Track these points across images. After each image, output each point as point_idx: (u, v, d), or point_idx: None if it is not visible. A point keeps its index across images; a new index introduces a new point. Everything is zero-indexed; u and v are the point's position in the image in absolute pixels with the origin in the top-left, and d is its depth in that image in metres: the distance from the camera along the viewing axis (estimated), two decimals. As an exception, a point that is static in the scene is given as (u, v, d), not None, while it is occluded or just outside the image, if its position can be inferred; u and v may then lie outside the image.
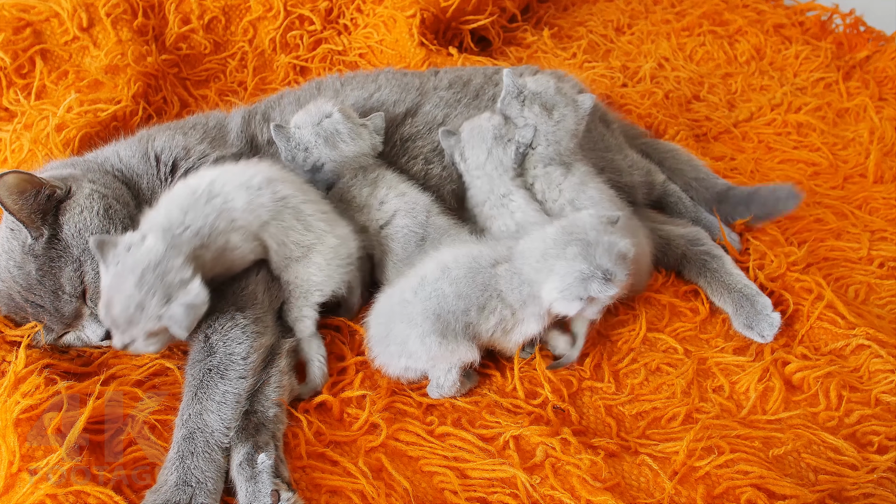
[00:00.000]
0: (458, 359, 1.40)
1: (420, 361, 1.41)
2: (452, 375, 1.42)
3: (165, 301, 1.28)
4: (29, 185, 1.38)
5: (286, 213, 1.44)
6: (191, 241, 1.35)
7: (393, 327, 1.41)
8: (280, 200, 1.44)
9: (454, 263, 1.42)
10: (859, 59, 2.75)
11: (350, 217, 1.59)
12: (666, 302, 1.70)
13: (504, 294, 1.41)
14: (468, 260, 1.42)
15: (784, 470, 1.35)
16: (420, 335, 1.37)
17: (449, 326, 1.38)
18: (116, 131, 1.94)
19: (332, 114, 1.60)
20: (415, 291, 1.40)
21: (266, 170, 1.47)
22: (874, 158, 2.24)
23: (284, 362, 1.43)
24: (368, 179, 1.62)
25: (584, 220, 1.44)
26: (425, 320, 1.37)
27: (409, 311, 1.39)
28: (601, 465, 1.29)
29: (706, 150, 2.27)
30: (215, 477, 1.24)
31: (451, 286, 1.39)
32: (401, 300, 1.41)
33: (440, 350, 1.38)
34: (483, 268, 1.42)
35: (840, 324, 1.61)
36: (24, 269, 1.41)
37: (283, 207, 1.44)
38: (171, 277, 1.29)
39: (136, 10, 2.24)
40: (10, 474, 1.20)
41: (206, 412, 1.29)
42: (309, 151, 1.58)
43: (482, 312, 1.40)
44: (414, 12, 2.40)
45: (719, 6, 2.95)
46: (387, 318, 1.43)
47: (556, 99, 1.66)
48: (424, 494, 1.29)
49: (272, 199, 1.43)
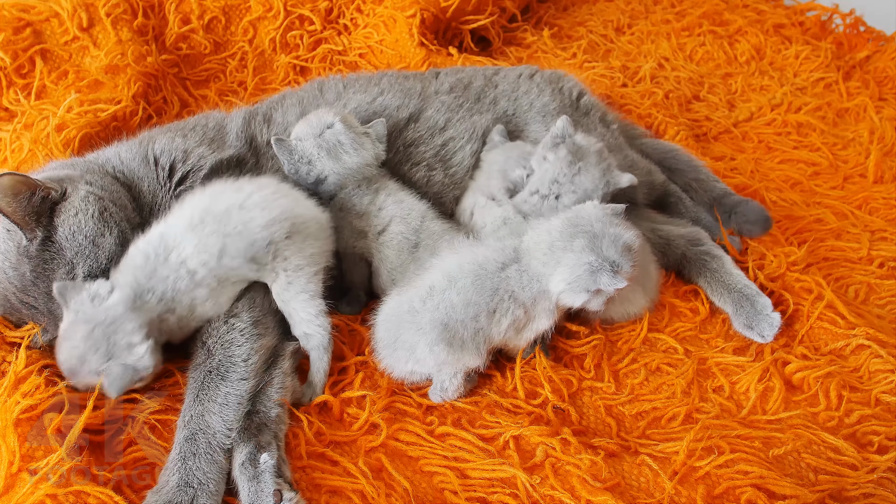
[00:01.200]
0: (463, 365, 1.41)
1: (427, 367, 1.41)
2: (457, 380, 1.42)
3: (107, 359, 1.29)
4: (23, 186, 1.38)
5: (231, 241, 1.39)
6: (156, 308, 1.35)
7: (401, 334, 1.41)
8: (222, 233, 1.38)
9: (459, 272, 1.41)
10: (859, 59, 2.75)
11: (348, 224, 1.59)
12: (666, 302, 1.70)
13: (516, 294, 1.40)
14: (474, 267, 1.42)
15: (784, 470, 1.35)
16: (429, 343, 1.37)
17: (457, 335, 1.38)
18: (117, 131, 1.94)
19: (333, 124, 1.58)
20: (423, 301, 1.40)
21: (202, 201, 1.43)
22: (874, 158, 2.24)
23: (288, 363, 1.43)
24: (371, 189, 1.61)
25: (589, 212, 1.44)
26: (433, 329, 1.37)
27: (417, 320, 1.39)
28: (601, 465, 1.29)
29: (706, 150, 2.27)
30: (217, 478, 1.24)
31: (458, 295, 1.39)
32: (410, 308, 1.41)
33: (448, 357, 1.38)
34: (490, 273, 1.41)
35: (840, 324, 1.61)
36: (18, 270, 1.41)
37: (226, 238, 1.39)
38: (119, 339, 1.30)
39: (136, 10, 2.24)
40: (10, 474, 1.20)
41: (207, 414, 1.29)
42: (312, 164, 1.57)
43: (493, 316, 1.40)
44: (414, 12, 2.40)
45: (719, 6, 2.95)
46: (395, 324, 1.42)
47: (592, 158, 1.63)
48: (424, 494, 1.29)
49: (213, 233, 1.38)
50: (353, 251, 1.61)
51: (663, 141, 2.20)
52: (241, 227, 1.39)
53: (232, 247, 1.39)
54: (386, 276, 1.59)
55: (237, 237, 1.39)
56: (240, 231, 1.39)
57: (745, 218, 1.86)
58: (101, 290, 1.34)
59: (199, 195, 1.45)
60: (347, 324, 1.60)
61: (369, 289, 1.66)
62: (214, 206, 1.41)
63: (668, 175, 1.99)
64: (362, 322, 1.60)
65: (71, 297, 1.33)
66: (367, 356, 1.52)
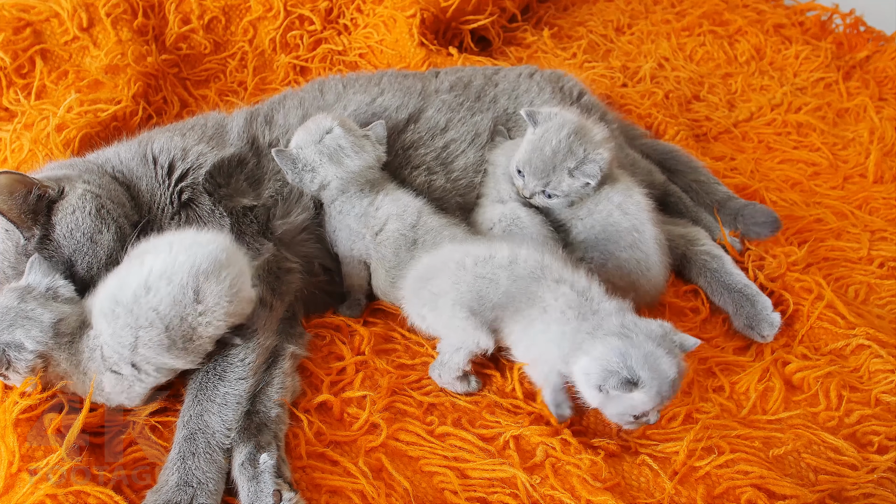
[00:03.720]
0: (473, 341, 1.40)
1: (439, 321, 1.41)
2: (460, 356, 1.41)
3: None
4: (20, 185, 1.38)
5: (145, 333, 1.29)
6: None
7: (438, 279, 1.41)
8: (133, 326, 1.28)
9: (523, 260, 1.40)
10: (859, 59, 2.75)
11: (346, 227, 1.59)
12: (666, 302, 1.70)
13: (548, 307, 1.36)
14: (534, 264, 1.39)
15: (784, 470, 1.35)
16: (454, 300, 1.38)
17: (483, 311, 1.37)
18: (117, 131, 1.94)
19: (332, 129, 1.58)
20: (476, 263, 1.40)
21: (110, 285, 1.33)
22: (874, 158, 2.24)
23: (288, 364, 1.43)
24: (372, 192, 1.61)
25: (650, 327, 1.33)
26: (468, 292, 1.37)
27: (459, 276, 1.39)
28: (601, 465, 1.29)
29: (706, 150, 2.27)
30: (216, 478, 1.24)
31: (507, 280, 1.38)
32: (459, 262, 1.41)
33: (463, 323, 1.38)
34: (541, 279, 1.38)
35: (840, 324, 1.61)
36: (17, 269, 1.41)
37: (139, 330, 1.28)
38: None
39: (136, 10, 2.24)
40: (10, 474, 1.20)
41: (206, 413, 1.29)
42: (315, 172, 1.57)
43: (515, 315, 1.38)
44: (414, 12, 2.40)
45: (719, 6, 2.95)
46: (437, 269, 1.42)
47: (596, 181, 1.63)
48: (424, 494, 1.29)
49: (126, 327, 1.28)
50: (351, 254, 1.61)
51: (663, 141, 2.20)
52: (153, 316, 1.27)
53: (146, 338, 1.27)
54: (384, 276, 1.59)
55: (150, 328, 1.27)
56: (151, 321, 1.27)
57: (753, 220, 1.84)
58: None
59: (117, 272, 1.35)
60: (348, 324, 1.60)
61: (369, 292, 1.66)
62: (121, 293, 1.29)
63: (668, 176, 1.99)
64: (364, 324, 1.61)
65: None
66: (366, 356, 1.52)
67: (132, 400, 1.31)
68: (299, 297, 1.59)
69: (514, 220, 1.64)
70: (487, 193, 1.75)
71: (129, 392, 1.30)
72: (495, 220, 1.67)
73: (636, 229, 1.62)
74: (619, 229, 1.62)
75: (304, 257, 1.61)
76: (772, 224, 1.83)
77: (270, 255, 1.53)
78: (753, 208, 1.88)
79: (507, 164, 1.72)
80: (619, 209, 1.63)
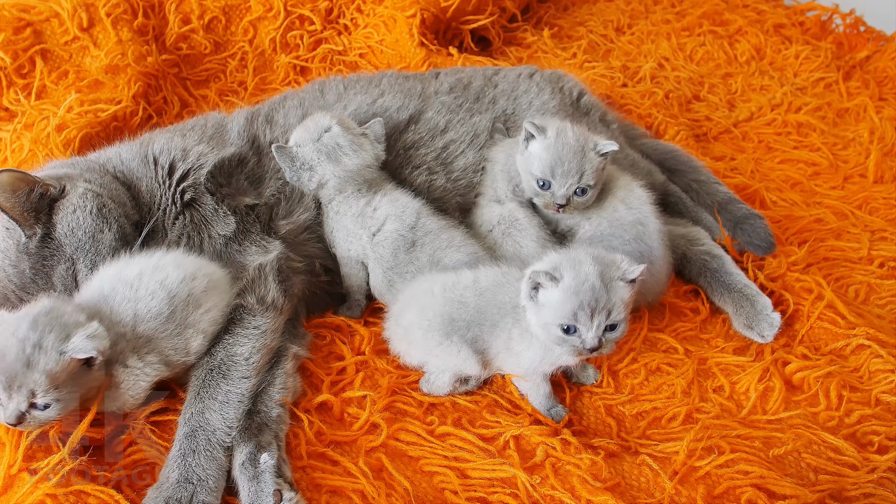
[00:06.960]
0: (454, 365, 1.41)
1: (418, 351, 1.43)
2: (444, 378, 1.43)
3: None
4: (22, 183, 1.39)
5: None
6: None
7: (405, 313, 1.43)
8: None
9: (484, 275, 1.43)
10: (859, 59, 2.76)
11: (344, 227, 1.59)
12: (666, 302, 1.70)
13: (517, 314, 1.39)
14: (495, 273, 1.43)
15: (784, 470, 1.35)
16: (425, 329, 1.39)
17: (458, 332, 1.39)
18: (117, 131, 1.94)
19: (330, 127, 1.58)
20: (444, 289, 1.42)
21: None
22: (874, 158, 2.24)
23: (290, 364, 1.44)
24: (370, 192, 1.61)
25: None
26: (436, 317, 1.39)
27: (426, 303, 1.41)
28: (601, 465, 1.29)
29: (706, 150, 2.27)
30: (217, 475, 1.24)
31: (474, 295, 1.41)
32: (427, 290, 1.44)
33: (438, 349, 1.40)
34: (503, 284, 1.41)
35: (840, 324, 1.61)
36: (18, 267, 1.41)
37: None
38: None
39: (136, 10, 2.24)
40: (10, 475, 1.20)
41: (208, 411, 1.29)
42: (314, 170, 1.57)
43: (493, 330, 1.40)
44: (414, 12, 2.40)
45: (719, 6, 2.95)
46: (406, 305, 1.45)
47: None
48: (425, 494, 1.29)
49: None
50: (348, 255, 1.61)
51: (663, 142, 2.20)
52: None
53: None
54: (382, 276, 1.59)
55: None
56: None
57: (750, 238, 1.81)
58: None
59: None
60: (348, 324, 1.60)
61: (369, 292, 1.66)
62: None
63: (668, 176, 1.99)
64: (364, 324, 1.61)
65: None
66: (367, 356, 1.52)
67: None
68: (302, 297, 1.59)
69: (513, 223, 1.64)
70: (485, 192, 1.75)
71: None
72: (494, 222, 1.67)
73: (640, 222, 1.63)
74: (623, 223, 1.62)
75: (306, 257, 1.61)
76: (767, 248, 1.80)
77: (282, 254, 1.53)
78: (754, 225, 1.83)
79: (506, 162, 1.72)
80: (623, 203, 1.64)
